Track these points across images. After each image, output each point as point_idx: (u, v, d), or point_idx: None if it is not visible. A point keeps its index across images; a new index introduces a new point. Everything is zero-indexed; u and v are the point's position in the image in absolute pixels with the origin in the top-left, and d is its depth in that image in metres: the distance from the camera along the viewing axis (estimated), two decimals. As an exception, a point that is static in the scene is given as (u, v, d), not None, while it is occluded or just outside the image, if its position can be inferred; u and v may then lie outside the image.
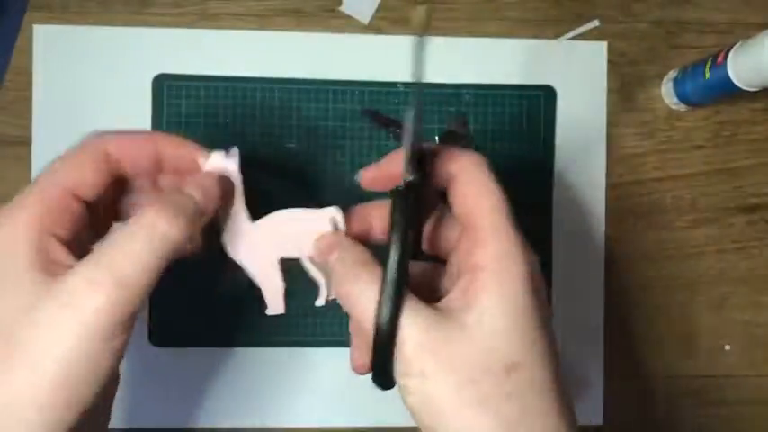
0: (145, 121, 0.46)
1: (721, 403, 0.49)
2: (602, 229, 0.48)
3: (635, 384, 0.49)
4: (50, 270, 0.23)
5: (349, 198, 0.47)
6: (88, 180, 0.26)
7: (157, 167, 0.29)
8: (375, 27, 0.48)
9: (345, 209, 0.31)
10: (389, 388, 0.25)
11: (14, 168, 0.46)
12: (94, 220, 0.27)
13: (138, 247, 0.23)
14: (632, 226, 0.49)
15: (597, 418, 0.48)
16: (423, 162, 0.27)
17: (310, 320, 0.47)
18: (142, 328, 0.45)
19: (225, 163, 0.29)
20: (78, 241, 0.26)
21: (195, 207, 0.26)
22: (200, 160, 0.29)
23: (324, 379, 0.47)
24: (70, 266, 0.23)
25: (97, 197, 0.27)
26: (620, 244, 0.49)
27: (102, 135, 0.28)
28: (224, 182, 0.28)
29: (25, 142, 0.46)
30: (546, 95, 0.48)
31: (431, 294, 0.26)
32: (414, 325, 0.23)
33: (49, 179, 0.26)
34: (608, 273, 0.48)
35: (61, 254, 0.24)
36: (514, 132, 0.48)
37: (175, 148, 0.29)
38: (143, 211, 0.24)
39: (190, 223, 0.25)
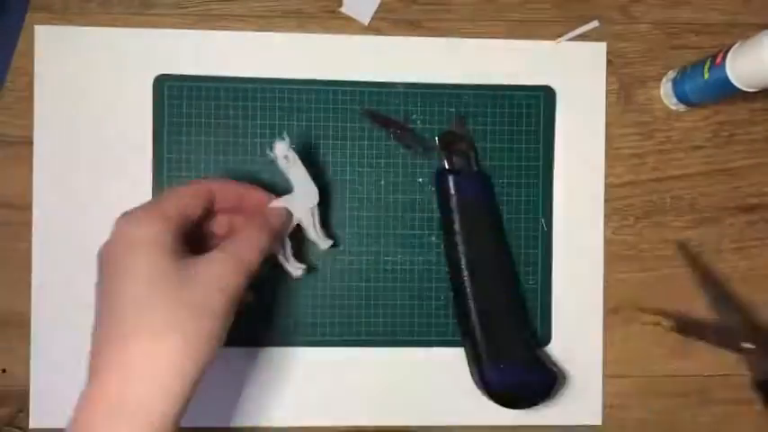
0: (146, 122, 0.46)
1: (721, 403, 0.49)
2: (602, 229, 0.48)
3: (634, 384, 0.49)
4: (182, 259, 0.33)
5: (346, 195, 0.47)
6: (195, 210, 0.36)
7: (238, 208, 0.39)
8: (375, 28, 0.48)
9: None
10: None
11: (16, 168, 0.46)
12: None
13: (254, 237, 0.36)
14: (632, 226, 0.49)
15: (596, 419, 0.48)
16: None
17: (310, 321, 0.47)
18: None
19: (287, 152, 0.39)
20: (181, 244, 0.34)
21: (272, 228, 0.38)
22: (271, 201, 0.40)
23: (318, 378, 0.47)
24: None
25: (194, 222, 0.36)
26: (620, 244, 0.49)
27: (207, 179, 0.43)
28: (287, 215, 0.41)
29: (27, 142, 0.46)
30: (545, 96, 0.48)
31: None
32: None
33: (175, 203, 0.35)
34: (607, 271, 0.48)
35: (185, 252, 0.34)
36: (514, 133, 0.48)
37: (254, 195, 0.40)
38: (250, 223, 0.37)
39: (271, 235, 0.38)
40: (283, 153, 0.39)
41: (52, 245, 0.46)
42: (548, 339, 0.48)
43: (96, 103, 0.46)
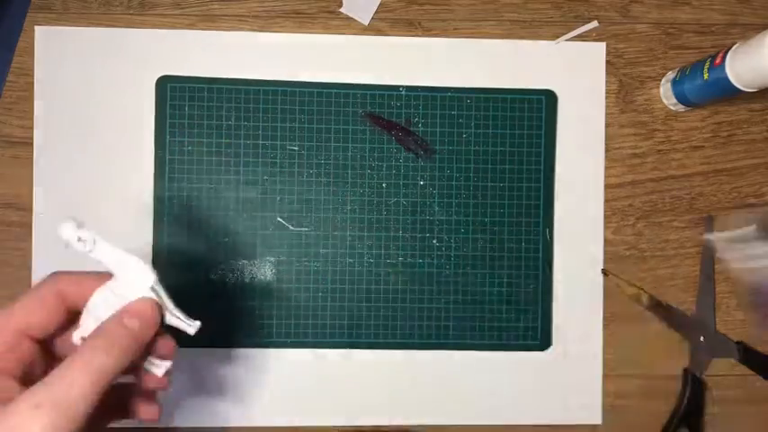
0: (148, 123, 0.46)
1: (721, 403, 0.49)
2: (602, 228, 0.49)
3: (634, 384, 0.49)
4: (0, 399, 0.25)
5: (347, 198, 0.47)
6: (40, 321, 0.29)
7: None
8: (375, 28, 0.48)
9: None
10: None
11: (17, 168, 0.46)
12: (49, 350, 0.30)
13: (77, 375, 0.25)
14: (631, 226, 0.49)
15: (596, 418, 0.48)
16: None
17: (311, 322, 0.47)
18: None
19: (78, 232, 0.30)
20: (31, 373, 0.28)
21: (132, 337, 0.28)
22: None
23: (322, 378, 0.47)
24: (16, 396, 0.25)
25: (50, 334, 0.29)
26: (620, 244, 0.49)
27: (56, 275, 0.30)
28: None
29: (27, 143, 0.46)
30: (548, 100, 0.48)
31: None
32: None
33: (3, 321, 0.28)
34: (607, 272, 0.48)
35: (9, 385, 0.27)
36: (516, 137, 0.48)
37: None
38: (83, 344, 0.27)
39: (125, 353, 0.27)
40: (73, 236, 0.29)
41: (52, 245, 0.46)
42: (548, 339, 0.48)
43: (97, 103, 0.46)
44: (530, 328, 0.48)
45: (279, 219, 0.47)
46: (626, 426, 0.49)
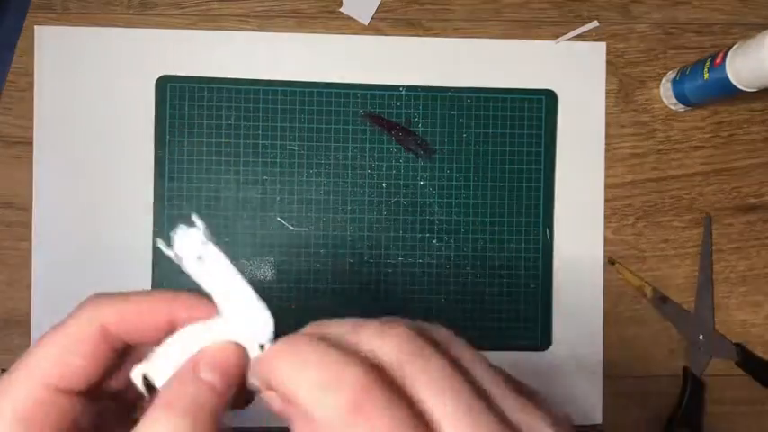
0: (148, 123, 0.46)
1: (720, 403, 0.49)
2: (602, 229, 0.49)
3: (634, 384, 0.49)
4: None
5: (347, 198, 0.47)
6: (77, 371, 0.20)
7: (170, 331, 0.22)
8: (375, 28, 0.48)
9: None
10: None
11: (16, 169, 0.46)
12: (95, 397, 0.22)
13: None
14: (631, 226, 0.49)
15: (597, 418, 0.48)
16: None
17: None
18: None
19: (200, 246, 0.22)
20: (78, 425, 0.21)
21: (213, 396, 0.20)
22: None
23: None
24: None
25: (94, 383, 0.21)
26: (620, 244, 0.49)
27: (98, 304, 0.21)
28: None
29: (27, 143, 0.46)
30: (548, 100, 0.48)
31: None
32: None
33: (31, 374, 0.20)
34: (607, 272, 0.48)
35: None
36: (516, 136, 0.48)
37: (189, 311, 0.22)
38: (149, 420, 0.19)
39: (210, 417, 0.20)
40: (194, 250, 0.21)
41: (52, 245, 0.46)
42: (548, 339, 0.48)
43: (96, 103, 0.46)
44: (530, 328, 0.48)
45: (279, 219, 0.47)
46: (626, 425, 0.49)
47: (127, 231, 0.46)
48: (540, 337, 0.48)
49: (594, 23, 0.49)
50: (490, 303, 0.48)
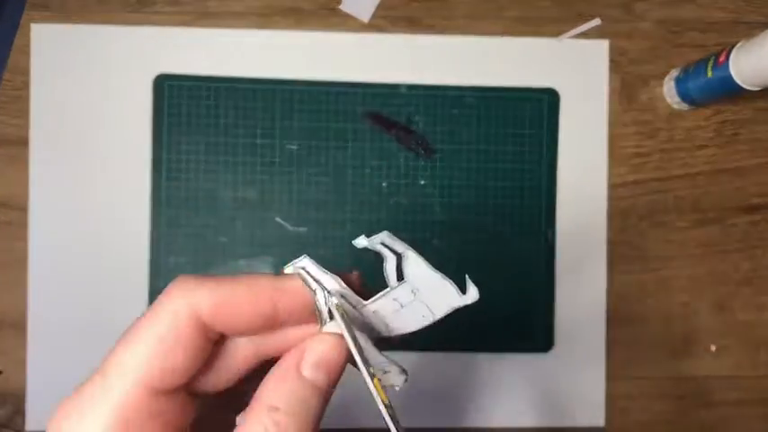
0: (145, 121, 0.46)
1: (722, 404, 0.49)
2: (605, 228, 0.48)
3: (636, 385, 0.48)
4: None
5: (347, 198, 0.46)
6: (175, 368, 0.18)
7: (271, 324, 0.20)
8: (375, 26, 0.47)
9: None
10: None
11: (12, 168, 0.46)
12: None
13: None
14: (634, 225, 0.48)
15: (599, 420, 0.48)
16: None
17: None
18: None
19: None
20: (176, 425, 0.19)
21: (317, 395, 0.20)
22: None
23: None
24: None
25: (190, 379, 0.19)
26: (622, 243, 0.48)
27: (189, 290, 0.19)
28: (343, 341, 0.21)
29: (23, 142, 0.46)
30: (550, 99, 0.48)
31: None
32: None
33: (126, 374, 0.18)
34: (610, 272, 0.48)
35: None
36: (517, 135, 0.47)
37: (293, 298, 0.20)
38: (252, 422, 0.18)
39: (314, 417, 0.19)
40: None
41: (49, 245, 0.46)
42: (551, 340, 0.47)
43: (93, 102, 0.46)
44: (532, 330, 0.47)
45: (277, 219, 0.46)
46: (629, 427, 0.48)
47: (124, 230, 0.46)
48: (542, 338, 0.47)
49: (597, 21, 0.48)
50: (492, 305, 0.47)
